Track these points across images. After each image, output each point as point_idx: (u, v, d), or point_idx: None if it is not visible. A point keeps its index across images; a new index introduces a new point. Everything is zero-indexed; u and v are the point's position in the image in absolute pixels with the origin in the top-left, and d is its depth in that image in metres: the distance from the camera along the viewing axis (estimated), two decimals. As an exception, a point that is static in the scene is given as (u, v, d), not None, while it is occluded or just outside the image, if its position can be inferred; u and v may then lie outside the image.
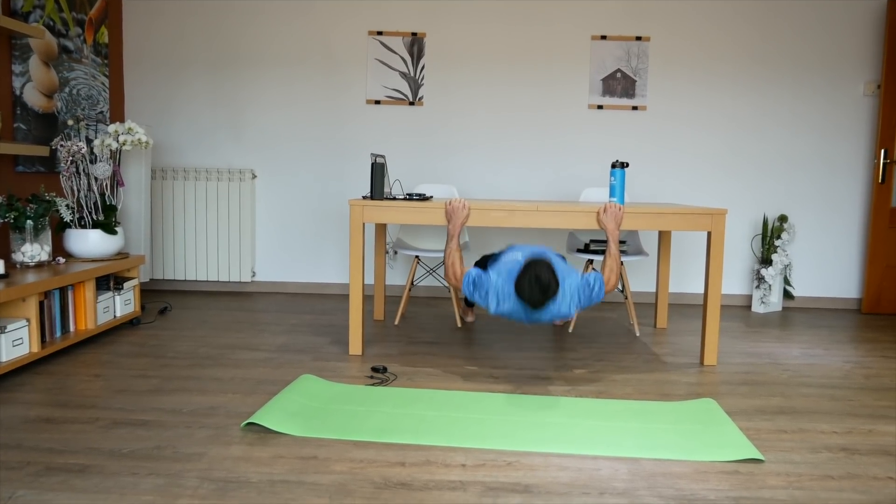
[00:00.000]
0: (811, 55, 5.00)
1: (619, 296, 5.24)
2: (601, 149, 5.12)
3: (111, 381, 2.95)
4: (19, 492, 1.92)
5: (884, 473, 2.17)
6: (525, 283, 2.75)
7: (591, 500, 1.94)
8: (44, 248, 3.57)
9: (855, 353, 3.74)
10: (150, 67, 5.13)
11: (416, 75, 5.06)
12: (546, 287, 2.73)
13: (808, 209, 5.12)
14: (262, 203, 5.22)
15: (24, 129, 4.09)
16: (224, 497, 1.91)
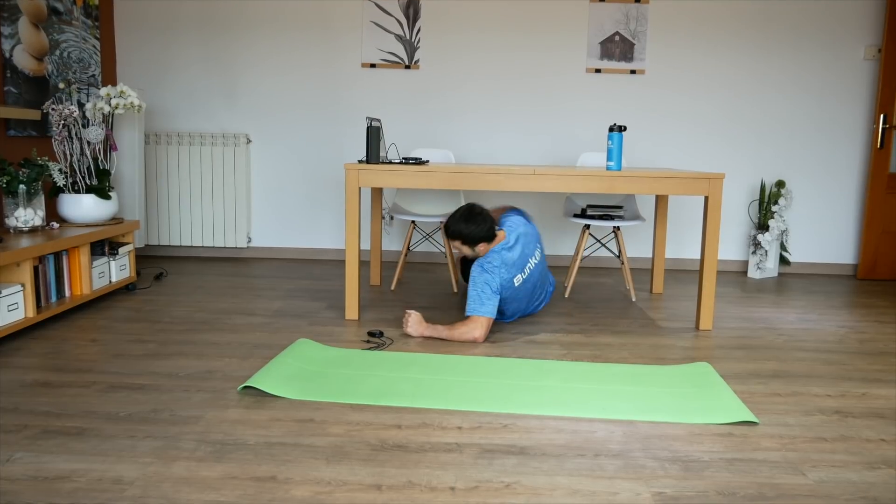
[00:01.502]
0: (811, 19, 4.94)
1: (615, 261, 5.24)
2: (599, 113, 5.07)
3: (107, 346, 2.95)
4: (17, 454, 1.93)
5: (876, 436, 2.19)
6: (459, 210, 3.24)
7: (586, 461, 1.96)
8: (37, 212, 3.54)
9: (850, 318, 3.75)
10: (142, 30, 5.06)
11: (412, 38, 5.00)
12: (458, 218, 3.20)
13: (806, 175, 5.10)
14: (257, 168, 5.19)
15: (15, 93, 4.04)
16: (221, 459, 1.92)
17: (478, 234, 3.18)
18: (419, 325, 3.15)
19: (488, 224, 3.19)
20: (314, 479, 1.83)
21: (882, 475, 1.92)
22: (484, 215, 3.20)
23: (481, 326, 3.08)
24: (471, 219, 3.18)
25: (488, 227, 3.19)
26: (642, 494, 1.78)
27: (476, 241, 3.20)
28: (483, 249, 3.23)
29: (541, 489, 1.80)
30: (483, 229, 3.18)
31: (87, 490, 1.74)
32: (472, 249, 3.24)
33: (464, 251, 3.28)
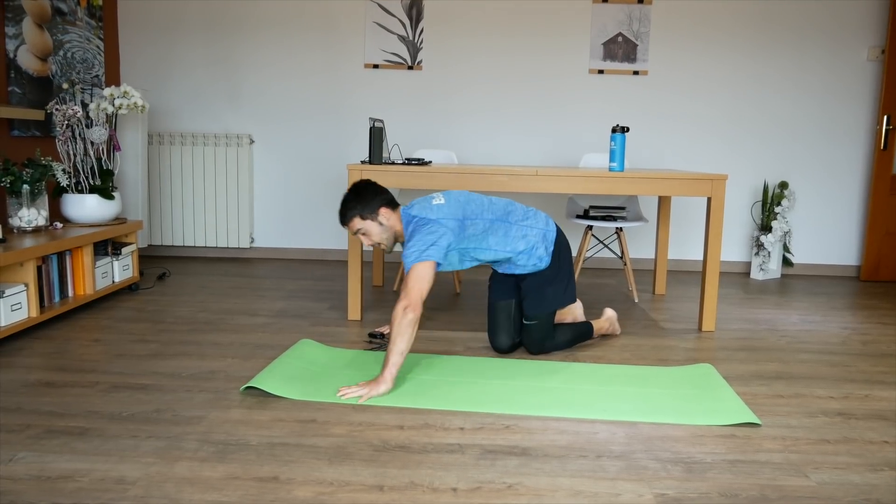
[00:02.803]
0: (814, 20, 4.93)
1: (617, 262, 5.24)
2: (602, 114, 5.07)
3: (110, 346, 2.96)
4: (20, 454, 1.93)
5: (879, 438, 2.19)
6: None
7: (588, 462, 1.96)
8: (41, 212, 3.55)
9: (853, 320, 3.75)
10: (146, 30, 5.07)
11: (415, 39, 5.00)
12: (344, 202, 2.76)
13: (809, 176, 5.09)
14: (260, 168, 5.19)
15: (19, 93, 4.05)
16: (224, 459, 1.92)
17: (371, 201, 2.70)
18: (374, 386, 2.40)
19: (384, 190, 2.76)
20: (316, 479, 1.83)
21: (885, 477, 1.91)
22: (373, 184, 2.77)
23: (410, 289, 2.45)
24: (356, 191, 2.74)
25: (381, 191, 2.75)
26: (644, 496, 1.78)
27: (373, 209, 2.70)
28: (392, 220, 2.74)
29: (543, 490, 1.80)
30: (374, 192, 2.72)
31: (90, 490, 1.74)
32: (379, 224, 2.72)
33: (372, 235, 2.74)
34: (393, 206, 2.76)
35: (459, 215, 2.72)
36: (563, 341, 3.01)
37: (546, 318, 2.93)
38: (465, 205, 2.78)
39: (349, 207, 2.73)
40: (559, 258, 2.93)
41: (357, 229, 2.74)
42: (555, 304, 2.95)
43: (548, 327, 2.94)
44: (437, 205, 2.73)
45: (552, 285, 2.92)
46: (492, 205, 2.85)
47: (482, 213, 2.79)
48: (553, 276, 2.92)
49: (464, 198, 2.81)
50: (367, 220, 2.72)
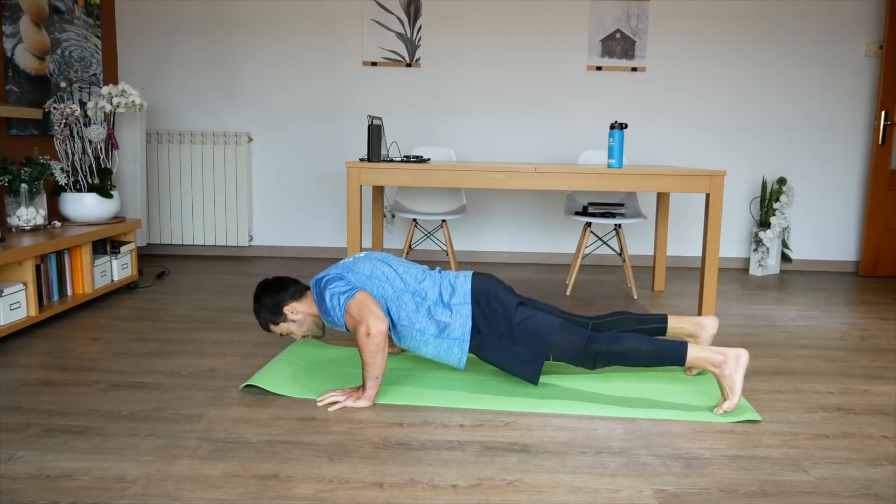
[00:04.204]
0: (812, 16, 4.93)
1: (616, 259, 5.24)
2: (600, 110, 5.07)
3: (110, 345, 2.96)
4: (19, 453, 1.93)
5: (878, 432, 2.19)
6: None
7: (587, 459, 1.96)
8: (39, 211, 3.55)
9: (851, 315, 3.75)
10: (143, 28, 5.06)
11: (412, 36, 5.00)
12: (256, 308, 2.56)
13: (808, 172, 5.09)
14: (258, 167, 5.19)
15: (17, 92, 4.04)
16: (223, 457, 1.92)
17: (274, 305, 2.52)
18: (354, 400, 2.33)
19: (285, 283, 2.56)
20: (316, 476, 1.83)
21: (884, 472, 1.92)
22: (277, 280, 2.58)
23: (360, 318, 2.29)
24: (256, 300, 2.56)
25: (281, 287, 2.55)
26: (644, 492, 1.78)
27: (278, 312, 2.52)
28: (303, 310, 2.53)
29: (542, 487, 1.80)
30: (273, 293, 2.53)
31: (90, 488, 1.74)
32: (293, 322, 2.54)
33: (295, 334, 2.58)
34: (299, 296, 2.54)
35: (367, 271, 2.48)
36: (620, 351, 2.36)
37: (559, 352, 2.39)
38: (377, 264, 2.52)
39: (259, 319, 2.56)
40: (484, 310, 2.42)
41: (279, 333, 2.58)
42: (529, 352, 2.40)
43: (575, 353, 2.38)
44: (344, 262, 2.56)
45: (500, 343, 2.41)
46: (407, 273, 2.52)
47: (395, 276, 2.49)
48: (494, 334, 2.41)
49: (377, 257, 2.57)
50: (280, 324, 2.54)
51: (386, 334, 2.29)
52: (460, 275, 2.51)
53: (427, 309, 2.43)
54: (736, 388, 2.24)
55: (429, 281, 2.49)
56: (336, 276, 2.46)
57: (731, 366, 2.24)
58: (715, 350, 2.27)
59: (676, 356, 2.30)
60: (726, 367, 2.25)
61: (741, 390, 2.26)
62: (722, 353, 2.26)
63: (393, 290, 2.45)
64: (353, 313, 2.32)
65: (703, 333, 2.62)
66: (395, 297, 2.44)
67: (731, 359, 2.25)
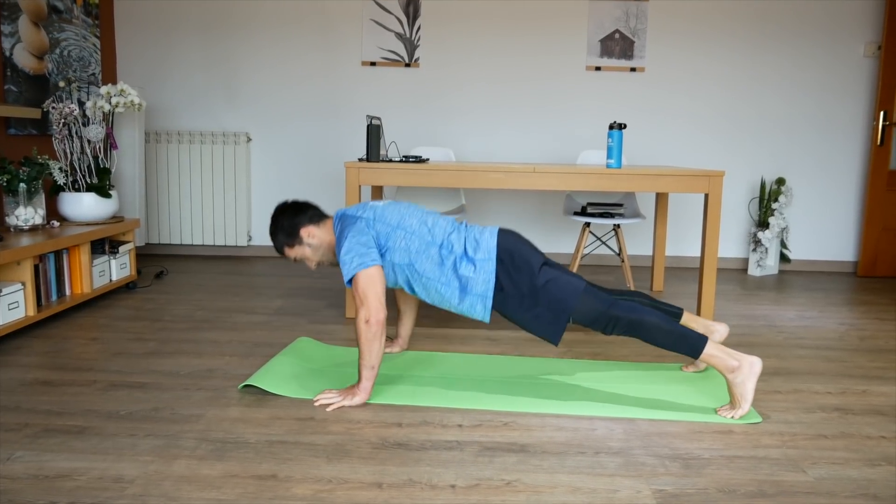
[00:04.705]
0: (811, 16, 4.93)
1: (615, 259, 5.24)
2: (599, 110, 5.07)
3: (108, 344, 2.96)
4: (18, 453, 1.93)
5: (876, 433, 2.19)
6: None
7: (586, 459, 1.96)
8: (38, 211, 3.54)
9: (850, 316, 3.75)
10: (142, 28, 5.06)
11: (412, 36, 5.00)
12: (271, 229, 2.58)
13: (806, 172, 5.10)
14: (257, 166, 5.19)
15: (15, 91, 4.04)
16: (222, 457, 1.92)
17: (291, 226, 2.53)
18: (349, 397, 2.32)
19: (304, 207, 2.58)
20: (315, 477, 1.83)
21: (882, 472, 1.92)
22: (296, 203, 2.60)
23: (363, 297, 2.28)
24: (273, 221, 2.58)
25: (299, 210, 2.56)
26: (643, 492, 1.78)
27: (294, 234, 2.53)
28: (320, 235, 2.54)
29: (541, 487, 1.80)
30: (291, 215, 2.55)
31: (88, 489, 1.74)
32: (308, 246, 2.56)
33: (309, 260, 2.59)
34: (317, 221, 2.55)
35: (394, 221, 2.46)
36: (637, 321, 2.30)
37: (579, 314, 2.34)
38: (405, 215, 2.49)
39: (274, 241, 2.57)
40: (508, 269, 2.39)
41: (293, 258, 2.59)
42: (550, 314, 2.36)
43: (595, 316, 2.33)
44: (372, 204, 2.53)
45: (523, 303, 2.38)
46: (436, 225, 2.49)
47: (422, 227, 2.46)
48: (517, 293, 2.38)
49: (406, 206, 2.55)
50: (295, 247, 2.55)
51: (384, 323, 2.28)
52: (486, 230, 2.48)
53: (452, 263, 2.40)
54: (747, 396, 2.23)
55: (455, 234, 2.46)
56: (362, 220, 2.43)
57: (745, 373, 2.22)
58: (732, 354, 2.24)
59: (694, 346, 2.25)
60: (740, 373, 2.22)
61: (752, 398, 2.25)
62: (737, 359, 2.23)
63: (419, 242, 2.42)
64: (360, 286, 2.30)
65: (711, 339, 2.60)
66: (420, 250, 2.41)
67: (746, 366, 2.22)
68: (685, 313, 2.64)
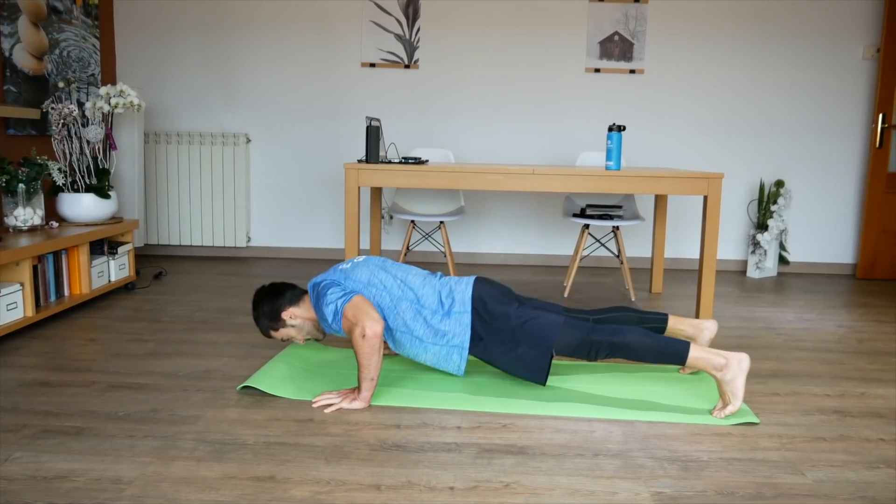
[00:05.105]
0: (810, 19, 4.94)
1: (614, 260, 5.24)
2: (598, 112, 5.07)
3: (107, 345, 2.95)
4: (16, 454, 1.93)
5: (875, 435, 2.19)
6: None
7: (585, 461, 1.96)
8: (36, 211, 3.54)
9: (849, 318, 3.76)
10: (142, 29, 5.05)
11: (411, 38, 5.00)
12: (255, 316, 2.60)
13: (805, 174, 5.10)
14: (256, 167, 5.19)
15: (15, 92, 4.04)
16: (220, 459, 1.92)
17: (272, 311, 2.55)
18: (350, 402, 2.32)
19: (282, 289, 2.59)
20: (313, 478, 1.83)
21: (881, 475, 1.92)
22: (274, 286, 2.61)
23: (355, 321, 2.29)
24: (255, 307, 2.59)
25: (278, 293, 2.58)
26: (641, 494, 1.78)
27: (276, 318, 2.55)
28: (301, 315, 2.56)
29: (540, 489, 1.80)
30: (270, 300, 2.56)
31: (86, 490, 1.74)
32: (292, 327, 2.57)
33: (296, 338, 2.62)
34: (296, 301, 2.57)
35: (364, 279, 2.48)
36: (621, 342, 2.32)
37: (560, 346, 2.37)
38: (375, 271, 2.51)
39: (259, 326, 2.60)
40: (483, 317, 2.41)
41: (280, 339, 2.62)
42: (533, 352, 2.37)
43: (576, 345, 2.35)
44: (342, 268, 2.54)
45: (504, 346, 2.40)
46: (405, 281, 2.50)
47: (393, 283, 2.48)
48: (497, 339, 2.40)
49: (375, 263, 2.56)
50: (279, 329, 2.57)
51: (381, 336, 2.28)
52: (462, 281, 2.50)
53: (425, 317, 2.42)
54: (738, 393, 2.23)
55: (428, 287, 2.48)
56: (333, 282, 2.46)
57: (733, 370, 2.22)
58: (717, 353, 2.25)
59: (678, 354, 2.26)
60: (728, 371, 2.22)
61: (743, 395, 2.26)
62: (724, 357, 2.23)
63: (390, 297, 2.45)
64: (349, 316, 2.32)
65: (701, 336, 2.63)
66: (392, 305, 2.44)
67: (734, 363, 2.22)
68: (671, 317, 2.64)
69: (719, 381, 2.25)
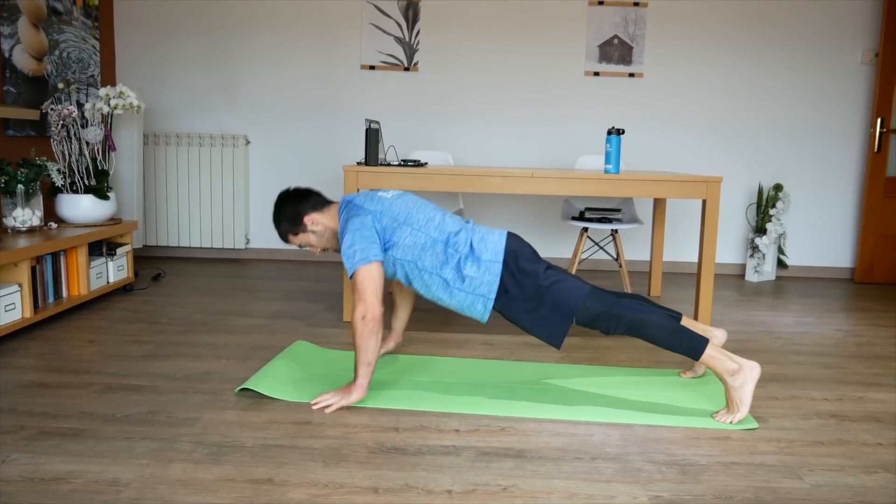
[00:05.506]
0: (809, 23, 4.95)
1: (613, 264, 5.24)
2: (597, 116, 5.08)
3: (105, 347, 2.95)
4: (13, 455, 1.92)
5: (873, 439, 2.19)
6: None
7: (583, 465, 1.96)
8: (35, 212, 3.54)
9: (847, 322, 3.76)
10: (142, 30, 5.06)
11: (411, 40, 5.00)
12: (274, 217, 2.59)
13: (804, 178, 5.10)
14: (255, 169, 5.19)
15: (14, 93, 4.03)
16: (218, 461, 1.92)
17: (294, 214, 2.54)
18: (346, 395, 2.32)
19: (307, 194, 2.58)
20: (311, 481, 1.82)
21: (879, 479, 1.92)
22: (298, 190, 2.60)
23: (361, 293, 2.28)
24: (277, 209, 2.58)
25: (302, 197, 2.57)
26: (639, 498, 1.78)
27: (298, 222, 2.53)
28: (324, 222, 2.54)
29: (538, 492, 1.80)
30: (294, 202, 2.55)
31: (84, 492, 1.74)
32: (312, 233, 2.56)
33: (313, 247, 2.60)
34: (321, 207, 2.56)
35: (401, 217, 2.45)
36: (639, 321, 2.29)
37: (583, 314, 2.33)
38: (412, 210, 2.48)
39: (278, 229, 2.58)
40: (513, 271, 2.38)
41: (297, 245, 2.60)
42: (555, 315, 2.34)
43: (598, 315, 2.32)
44: (380, 196, 2.51)
45: (527, 304, 2.37)
46: (443, 222, 2.48)
47: (428, 224, 2.45)
48: (522, 295, 2.37)
49: (413, 200, 2.53)
50: (299, 234, 2.56)
51: (381, 320, 2.28)
52: (495, 232, 2.47)
53: (457, 261, 2.39)
54: (745, 401, 2.23)
55: (463, 233, 2.45)
56: (369, 213, 2.42)
57: (744, 377, 2.22)
58: (732, 357, 2.24)
59: (694, 347, 2.25)
60: (739, 377, 2.22)
61: (750, 403, 2.26)
62: (737, 363, 2.22)
63: (425, 237, 2.42)
64: (359, 282, 2.29)
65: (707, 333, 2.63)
66: (426, 246, 2.41)
67: (746, 369, 2.22)
68: (684, 318, 2.64)
69: (728, 387, 2.25)
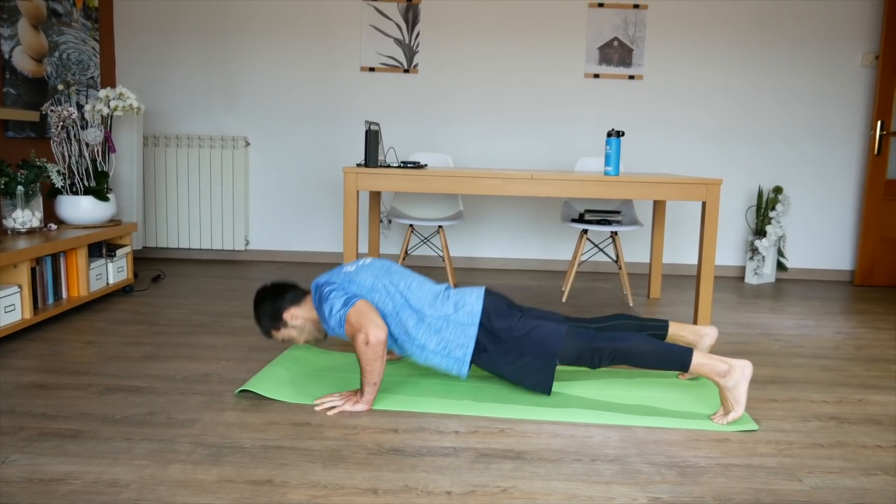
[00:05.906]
0: (809, 26, 4.95)
1: (612, 266, 5.24)
2: (597, 118, 5.08)
3: (104, 348, 2.95)
4: (13, 456, 1.92)
5: (872, 442, 2.19)
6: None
7: (582, 466, 1.96)
8: (35, 214, 3.54)
9: (846, 325, 3.76)
10: (141, 32, 5.06)
11: (411, 42, 5.01)
12: (256, 315, 2.56)
13: (803, 181, 5.11)
14: (255, 171, 5.19)
15: (14, 94, 4.04)
16: (217, 462, 1.92)
17: (273, 312, 2.51)
18: (352, 404, 2.33)
19: (283, 289, 2.55)
20: (310, 482, 1.82)
21: (878, 481, 1.92)
22: (275, 286, 2.57)
23: (360, 328, 2.27)
24: (256, 308, 2.55)
25: (279, 293, 2.54)
26: (638, 499, 1.78)
27: (278, 318, 2.50)
28: (303, 315, 2.51)
29: (537, 494, 1.80)
30: (272, 300, 2.52)
31: (83, 493, 1.74)
32: (293, 328, 2.52)
33: (297, 340, 2.56)
34: (298, 301, 2.53)
35: (368, 284, 2.46)
36: (624, 349, 2.32)
37: (564, 355, 2.36)
38: (379, 276, 2.49)
39: (260, 326, 2.55)
40: (486, 328, 2.40)
41: (281, 339, 2.56)
42: (538, 361, 2.37)
43: (579, 353, 2.35)
44: (346, 270, 2.53)
45: (508, 356, 2.39)
46: (409, 288, 2.48)
47: (396, 291, 2.46)
48: (501, 349, 2.39)
49: (380, 267, 2.53)
50: (280, 330, 2.53)
51: (385, 342, 2.28)
52: (472, 293, 2.48)
53: (428, 324, 2.41)
54: (740, 400, 2.23)
55: (433, 297, 2.47)
56: (337, 286, 2.44)
57: (736, 377, 2.22)
58: (720, 359, 2.25)
59: (681, 361, 2.26)
60: (731, 377, 2.22)
61: (745, 402, 2.26)
62: (727, 363, 2.23)
63: (394, 304, 2.43)
64: (353, 321, 2.30)
65: (701, 342, 2.63)
66: (395, 312, 2.43)
67: (737, 370, 2.23)
68: (671, 324, 2.65)
69: (722, 388, 2.25)
